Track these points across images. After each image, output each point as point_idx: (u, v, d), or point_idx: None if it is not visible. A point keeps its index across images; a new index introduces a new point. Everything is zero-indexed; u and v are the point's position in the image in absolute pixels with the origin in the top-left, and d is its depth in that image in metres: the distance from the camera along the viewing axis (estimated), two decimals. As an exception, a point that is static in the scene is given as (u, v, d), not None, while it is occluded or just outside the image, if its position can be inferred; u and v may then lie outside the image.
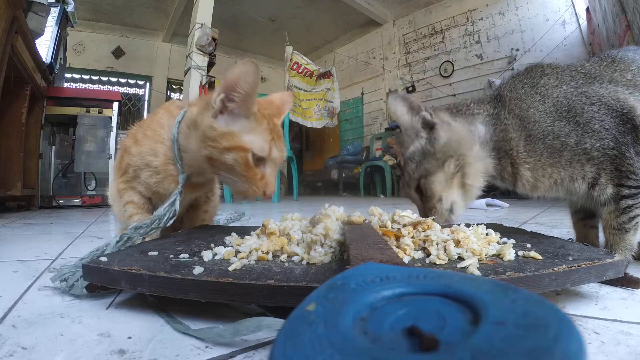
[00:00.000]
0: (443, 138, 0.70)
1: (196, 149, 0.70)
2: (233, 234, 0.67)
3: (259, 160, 0.68)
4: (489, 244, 0.57)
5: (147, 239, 0.71)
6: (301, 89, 5.13)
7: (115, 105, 3.17)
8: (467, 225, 0.67)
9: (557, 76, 0.68)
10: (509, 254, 0.52)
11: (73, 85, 5.27)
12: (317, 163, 6.77)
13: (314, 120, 5.27)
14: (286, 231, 0.62)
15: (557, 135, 0.64)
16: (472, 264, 0.48)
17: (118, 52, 5.64)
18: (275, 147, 0.69)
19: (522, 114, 0.67)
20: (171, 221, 0.72)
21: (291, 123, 4.44)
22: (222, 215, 1.63)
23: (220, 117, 0.67)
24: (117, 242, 0.64)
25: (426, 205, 0.73)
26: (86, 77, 5.46)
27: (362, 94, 6.24)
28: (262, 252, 0.56)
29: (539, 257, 0.51)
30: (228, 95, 0.66)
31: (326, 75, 5.37)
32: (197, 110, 0.71)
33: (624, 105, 0.62)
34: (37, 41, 2.47)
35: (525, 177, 0.68)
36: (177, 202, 0.73)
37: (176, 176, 0.74)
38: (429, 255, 0.54)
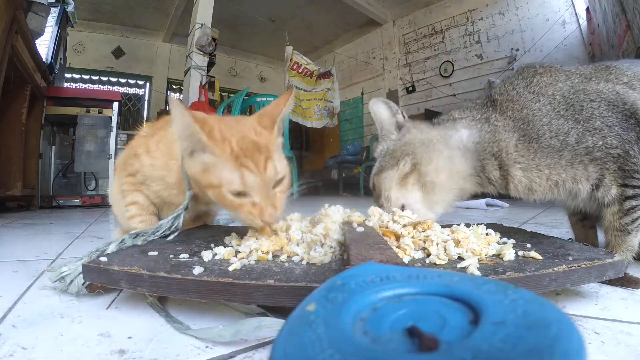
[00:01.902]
0: (405, 137, 0.71)
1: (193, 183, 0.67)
2: (233, 234, 0.67)
3: (241, 193, 0.60)
4: (489, 244, 0.57)
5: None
6: (301, 89, 5.13)
7: (115, 105, 3.17)
8: (467, 225, 0.67)
9: (551, 74, 0.66)
10: (509, 254, 0.52)
11: (73, 85, 5.27)
12: (317, 163, 6.77)
13: (314, 120, 5.26)
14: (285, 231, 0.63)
15: (555, 133, 0.62)
16: (472, 264, 0.48)
17: (118, 52, 5.63)
18: (247, 173, 0.59)
19: (515, 116, 0.65)
20: (174, 235, 0.70)
21: (291, 123, 4.44)
22: (222, 215, 1.63)
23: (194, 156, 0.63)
24: (117, 245, 0.64)
25: (377, 202, 0.73)
26: (86, 77, 5.46)
27: (362, 94, 6.24)
28: (262, 252, 0.56)
29: (539, 257, 0.51)
30: (182, 140, 0.62)
31: (326, 75, 5.37)
32: None
33: (625, 100, 0.60)
34: (37, 41, 2.47)
35: (517, 177, 0.65)
36: (181, 217, 0.71)
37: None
38: (429, 255, 0.54)
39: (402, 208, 0.68)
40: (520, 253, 0.54)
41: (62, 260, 0.85)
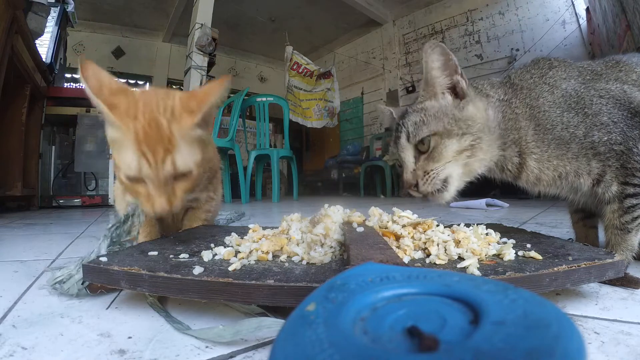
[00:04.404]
0: (470, 111, 0.63)
1: None
2: (233, 234, 0.67)
3: (138, 179, 0.58)
4: (489, 244, 0.57)
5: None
6: (301, 89, 5.13)
7: (116, 105, 3.17)
8: (467, 225, 0.67)
9: (565, 69, 0.68)
10: (509, 254, 0.52)
11: (73, 85, 5.27)
12: (317, 163, 6.77)
13: (314, 120, 5.27)
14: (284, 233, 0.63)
15: (566, 126, 0.63)
16: (472, 264, 0.48)
17: (118, 52, 5.63)
18: (145, 163, 0.55)
19: (532, 103, 0.66)
20: (142, 216, 0.69)
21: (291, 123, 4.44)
22: (222, 215, 1.63)
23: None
24: (105, 243, 0.64)
25: (423, 166, 0.63)
26: (86, 77, 5.45)
27: (362, 94, 6.24)
28: (262, 252, 0.56)
29: (539, 257, 0.51)
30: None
31: (326, 75, 5.37)
32: None
33: (631, 99, 0.62)
34: (37, 41, 2.47)
35: (530, 167, 0.66)
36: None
37: None
38: (429, 255, 0.54)
39: (445, 181, 0.63)
40: (520, 253, 0.54)
41: (62, 260, 0.85)
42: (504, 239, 0.62)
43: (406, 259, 0.53)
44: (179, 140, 0.58)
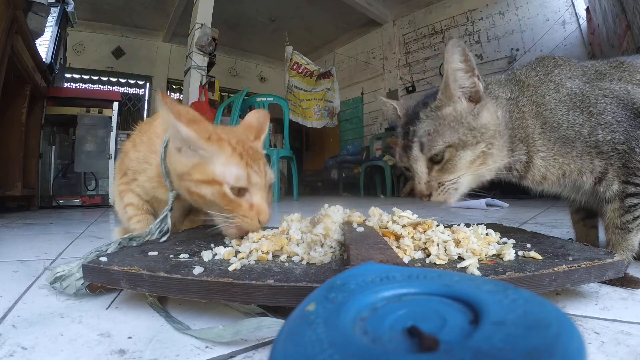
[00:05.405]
0: (484, 118, 0.62)
1: (176, 181, 0.66)
2: (233, 234, 0.67)
3: (241, 191, 0.63)
4: (489, 244, 0.57)
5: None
6: (301, 89, 5.13)
7: (115, 105, 3.17)
8: (467, 225, 0.67)
9: (570, 68, 0.68)
10: (509, 254, 0.52)
11: (73, 85, 5.27)
12: (317, 163, 6.77)
13: (314, 120, 5.27)
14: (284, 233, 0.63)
15: (571, 124, 0.63)
16: (472, 264, 0.48)
17: (118, 52, 5.63)
18: (253, 172, 0.63)
19: (538, 101, 0.65)
20: (165, 237, 0.69)
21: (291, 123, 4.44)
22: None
23: (185, 150, 0.63)
24: (114, 248, 0.64)
25: (437, 177, 0.62)
26: (86, 77, 5.46)
27: (362, 94, 6.24)
28: (262, 252, 0.56)
29: (539, 257, 0.51)
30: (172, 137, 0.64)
31: (326, 75, 5.37)
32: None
33: (635, 100, 0.63)
34: (37, 41, 2.47)
35: (537, 166, 0.65)
36: (168, 219, 0.71)
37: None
38: (429, 255, 0.54)
39: (457, 188, 0.63)
40: (520, 253, 0.54)
41: (62, 260, 0.85)
42: (504, 239, 0.62)
43: (406, 259, 0.53)
44: (263, 156, 0.69)
